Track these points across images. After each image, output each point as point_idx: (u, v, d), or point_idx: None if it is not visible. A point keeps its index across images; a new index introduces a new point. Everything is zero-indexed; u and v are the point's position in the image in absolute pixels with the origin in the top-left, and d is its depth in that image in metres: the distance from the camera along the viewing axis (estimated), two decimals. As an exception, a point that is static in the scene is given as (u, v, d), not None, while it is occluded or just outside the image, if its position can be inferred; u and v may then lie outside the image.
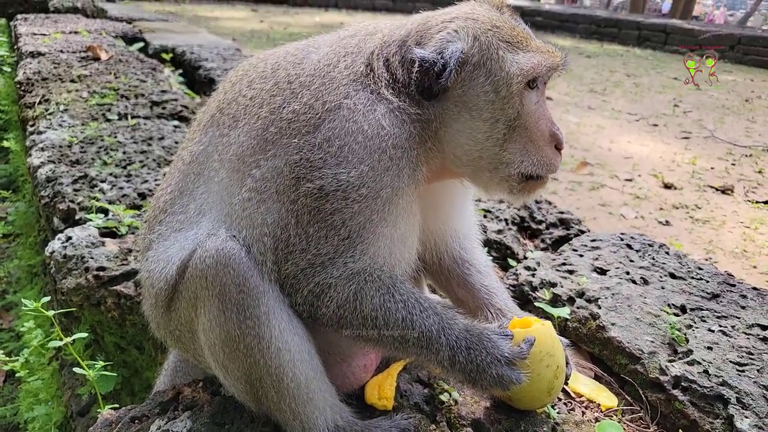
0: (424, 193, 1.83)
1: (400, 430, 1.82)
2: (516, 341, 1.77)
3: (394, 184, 1.68)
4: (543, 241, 3.47)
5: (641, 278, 2.75)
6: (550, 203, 3.83)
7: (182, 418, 1.90)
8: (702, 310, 2.52)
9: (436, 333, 1.69)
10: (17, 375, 3.11)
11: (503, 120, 1.73)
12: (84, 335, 2.57)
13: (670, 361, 2.21)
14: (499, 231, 3.35)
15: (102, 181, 3.66)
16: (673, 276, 2.81)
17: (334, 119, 1.67)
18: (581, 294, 2.62)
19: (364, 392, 2.00)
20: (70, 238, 3.01)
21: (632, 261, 2.93)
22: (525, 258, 3.22)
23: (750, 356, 2.21)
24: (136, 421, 1.97)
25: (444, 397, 2.01)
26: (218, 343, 1.68)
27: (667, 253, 3.05)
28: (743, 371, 2.13)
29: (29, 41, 7.73)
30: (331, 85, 1.72)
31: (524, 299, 2.71)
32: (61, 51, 7.16)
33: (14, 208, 5.82)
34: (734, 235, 6.46)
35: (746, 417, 1.94)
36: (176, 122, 4.98)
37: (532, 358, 1.76)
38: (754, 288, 2.72)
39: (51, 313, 2.39)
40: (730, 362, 2.17)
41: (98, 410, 2.20)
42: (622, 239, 3.18)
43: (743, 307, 2.55)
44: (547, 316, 2.47)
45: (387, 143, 1.67)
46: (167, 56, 8.07)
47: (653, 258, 2.98)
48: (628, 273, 2.79)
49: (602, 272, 2.83)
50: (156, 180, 3.73)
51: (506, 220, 3.52)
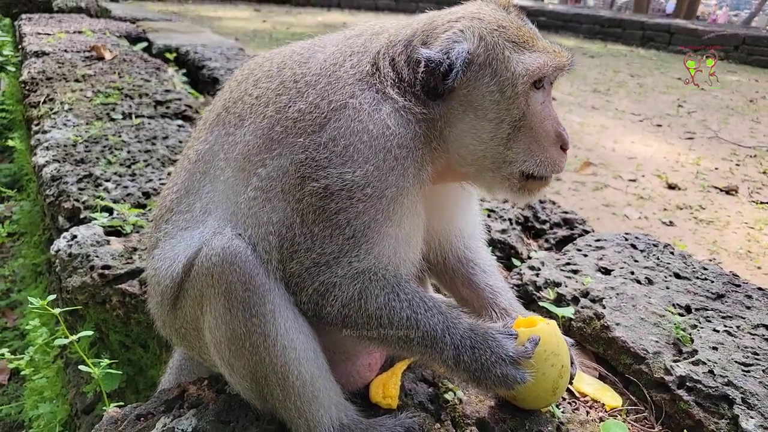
0: (429, 193, 1.83)
1: (405, 429, 1.81)
2: (521, 341, 1.76)
3: (399, 184, 1.68)
4: (547, 241, 3.47)
5: (646, 278, 2.75)
6: (554, 203, 3.83)
7: (187, 416, 1.90)
8: (707, 310, 2.51)
9: (441, 332, 1.69)
10: (22, 373, 3.11)
11: (508, 120, 1.72)
12: (89, 333, 2.57)
13: (675, 361, 2.20)
14: (503, 231, 3.35)
15: (107, 180, 3.67)
16: (678, 276, 2.80)
17: (340, 118, 1.67)
18: (586, 294, 2.62)
19: (369, 391, 2.00)
20: (75, 237, 3.02)
21: (637, 261, 2.93)
22: (529, 258, 3.22)
23: (755, 356, 2.21)
24: (142, 419, 1.97)
25: (449, 396, 2.01)
26: (224, 341, 1.68)
27: (672, 253, 3.05)
28: (748, 371, 2.12)
29: (33, 41, 7.75)
30: (337, 85, 1.72)
31: (528, 299, 2.71)
32: (66, 50, 7.17)
33: (19, 207, 5.84)
34: (738, 236, 6.45)
35: (751, 417, 1.94)
36: (180, 122, 4.99)
37: (537, 358, 1.76)
38: (760, 288, 2.72)
39: (57, 311, 2.40)
40: (736, 362, 2.17)
41: (103, 408, 2.20)
42: (627, 239, 3.17)
43: (748, 308, 2.55)
44: (552, 316, 2.47)
45: (392, 143, 1.66)
46: (171, 56, 8.09)
47: (658, 258, 2.97)
48: (633, 273, 2.79)
49: (607, 272, 2.83)
50: (160, 179, 3.74)
51: (510, 220, 3.52)
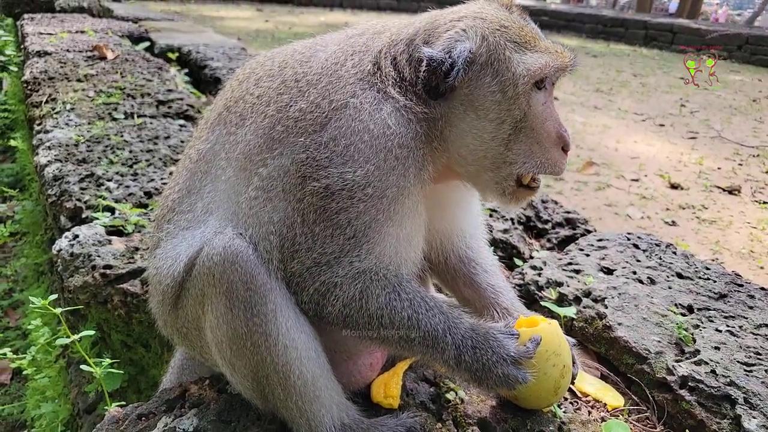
0: (430, 193, 1.82)
1: (406, 429, 1.81)
2: (522, 340, 1.76)
3: (400, 184, 1.68)
4: (549, 241, 3.46)
5: (648, 278, 2.74)
6: (556, 203, 3.82)
7: (189, 416, 1.90)
8: (709, 310, 2.51)
9: (442, 332, 1.68)
10: (24, 373, 3.12)
11: (509, 120, 1.72)
12: (91, 333, 2.58)
13: (677, 361, 2.20)
14: (505, 230, 3.34)
15: (108, 180, 3.67)
16: (681, 276, 2.80)
17: (341, 118, 1.66)
18: (588, 293, 2.61)
19: (370, 391, 2.00)
20: (77, 237, 3.02)
21: (639, 261, 2.92)
22: (531, 257, 3.21)
23: (758, 356, 2.20)
24: (143, 419, 1.97)
25: (450, 396, 2.01)
26: (225, 341, 1.68)
27: (674, 253, 3.04)
28: (751, 371, 2.12)
29: (36, 41, 7.76)
30: (338, 84, 1.72)
31: (530, 299, 2.71)
32: (68, 50, 7.18)
33: (21, 207, 5.85)
34: (741, 236, 6.43)
35: (754, 417, 1.93)
36: (182, 121, 4.99)
37: (539, 358, 1.75)
38: (762, 288, 2.71)
39: (59, 311, 2.40)
40: (738, 362, 2.16)
41: (105, 408, 2.20)
42: (629, 239, 3.16)
43: (751, 307, 2.54)
44: (554, 316, 2.46)
45: (393, 142, 1.66)
46: (173, 55, 8.10)
47: (660, 258, 2.96)
48: (635, 273, 2.78)
49: (609, 272, 2.82)
50: (162, 179, 3.74)
51: (512, 220, 3.51)
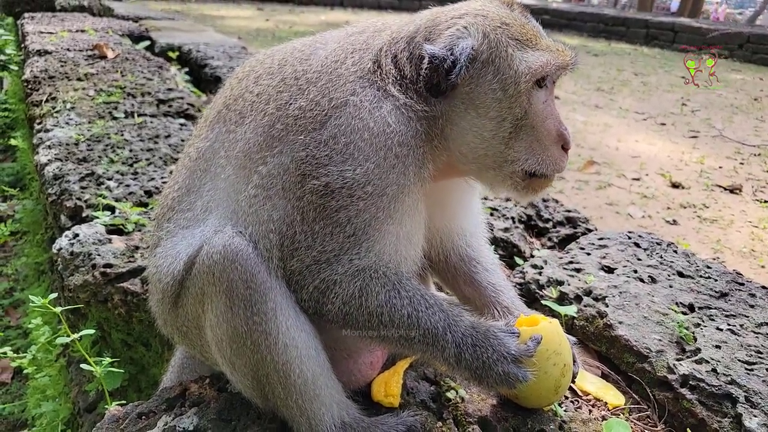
0: (431, 192, 1.82)
1: (407, 427, 1.81)
2: (523, 339, 1.75)
3: (400, 182, 1.67)
4: (550, 240, 3.46)
5: (649, 277, 2.74)
6: (557, 201, 3.81)
7: (189, 415, 1.90)
8: (710, 309, 2.50)
9: (442, 330, 1.68)
10: (24, 371, 3.12)
11: (510, 119, 1.71)
12: (91, 332, 2.57)
13: (678, 360, 2.19)
14: (506, 229, 3.34)
15: (109, 179, 3.67)
16: (681, 274, 2.79)
17: (341, 116, 1.66)
18: (588, 292, 2.61)
19: (371, 389, 1.99)
20: (77, 236, 3.02)
21: (640, 259, 2.92)
22: (532, 256, 3.21)
23: (759, 355, 2.19)
24: (143, 417, 1.97)
25: (451, 395, 2.00)
26: (225, 339, 1.68)
27: (675, 252, 3.03)
28: (752, 370, 2.11)
29: (36, 40, 7.76)
30: (338, 82, 1.71)
31: (531, 297, 2.70)
32: (68, 49, 7.18)
33: (21, 206, 5.85)
34: (742, 235, 6.43)
35: (755, 416, 1.92)
36: (182, 120, 4.99)
37: (539, 356, 1.75)
38: (763, 287, 2.70)
39: (58, 310, 2.40)
40: (739, 361, 2.16)
41: (105, 406, 2.20)
42: (630, 238, 3.16)
43: (752, 306, 2.53)
44: (555, 315, 2.46)
45: (393, 140, 1.66)
46: (173, 54, 8.09)
47: (661, 256, 2.96)
48: (636, 271, 2.77)
49: (610, 270, 2.81)
50: (162, 178, 3.74)
51: (513, 219, 3.51)
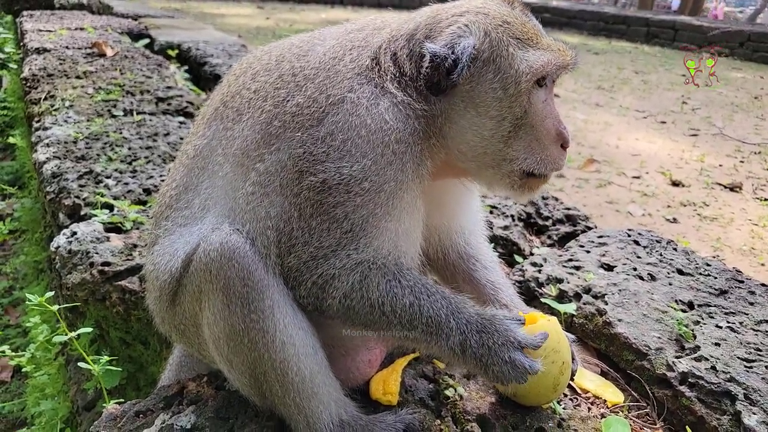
0: (429, 190, 1.81)
1: (405, 425, 1.80)
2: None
3: (398, 178, 1.66)
4: (549, 238, 3.45)
5: (648, 274, 2.73)
6: (557, 199, 3.81)
7: (186, 413, 1.89)
8: (710, 306, 2.50)
9: (445, 317, 1.65)
10: (23, 370, 3.12)
11: (510, 118, 1.71)
12: (89, 330, 2.57)
13: (677, 357, 2.19)
14: (506, 227, 3.33)
15: (107, 177, 3.66)
16: (681, 272, 2.78)
17: (338, 113, 1.65)
18: (588, 290, 2.60)
19: (369, 387, 1.99)
20: (75, 234, 3.01)
21: (639, 257, 2.91)
22: (531, 254, 3.20)
23: (758, 352, 2.19)
24: (141, 416, 1.97)
25: (449, 393, 2.00)
26: (222, 337, 1.67)
27: (675, 249, 3.03)
28: (751, 367, 2.11)
29: (35, 38, 7.75)
30: (336, 79, 1.70)
31: (530, 295, 2.70)
32: (67, 47, 7.17)
33: (20, 205, 5.85)
34: (742, 233, 6.42)
35: (754, 413, 1.92)
36: (182, 118, 4.98)
37: (538, 354, 1.74)
38: (763, 284, 2.70)
39: (55, 308, 2.39)
40: (738, 358, 2.15)
41: (103, 405, 2.20)
42: (630, 235, 3.15)
43: (751, 304, 2.53)
44: (554, 312, 2.45)
45: (390, 137, 1.65)
46: (173, 53, 8.07)
47: (661, 254, 2.95)
48: (635, 269, 2.77)
49: (609, 268, 2.81)
50: (161, 176, 3.73)
51: (513, 217, 3.50)
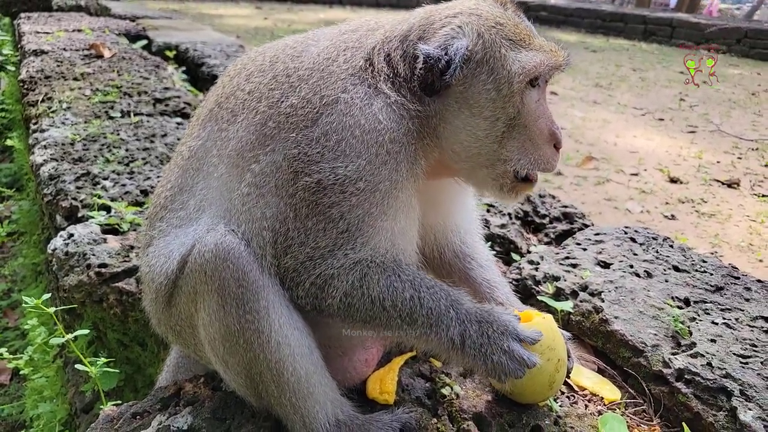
0: (424, 189, 1.82)
1: (402, 424, 1.81)
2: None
3: (393, 178, 1.67)
4: (546, 235, 3.45)
5: (645, 271, 2.74)
6: (554, 197, 3.81)
7: (183, 414, 1.90)
8: (706, 303, 2.50)
9: (445, 308, 1.67)
10: (21, 373, 3.12)
11: (503, 118, 1.72)
12: (86, 332, 2.57)
13: (674, 354, 2.19)
14: (503, 225, 3.34)
15: (104, 179, 3.67)
16: (677, 269, 2.79)
17: (332, 113, 1.66)
18: (584, 287, 2.61)
19: (366, 387, 2.00)
20: (72, 236, 3.01)
21: (636, 254, 2.91)
22: (528, 252, 3.20)
23: (754, 348, 2.19)
24: (138, 417, 1.97)
25: (446, 391, 2.00)
26: (218, 338, 1.68)
27: (671, 246, 3.03)
28: (747, 363, 2.11)
29: (32, 39, 7.74)
30: (330, 79, 1.71)
31: (527, 293, 2.70)
32: (65, 49, 7.16)
33: (18, 207, 5.84)
34: (740, 229, 6.43)
35: (750, 409, 1.92)
36: (179, 119, 4.98)
37: (533, 351, 1.75)
38: (759, 280, 2.70)
39: (52, 310, 2.40)
40: (734, 354, 2.16)
41: (101, 407, 2.20)
42: (626, 233, 3.16)
43: (747, 300, 2.53)
44: (551, 310, 2.46)
45: (384, 137, 1.65)
46: (171, 53, 8.08)
47: (657, 251, 2.96)
48: (632, 266, 2.77)
49: (606, 266, 2.81)
50: (158, 177, 3.73)
51: (510, 215, 3.50)
